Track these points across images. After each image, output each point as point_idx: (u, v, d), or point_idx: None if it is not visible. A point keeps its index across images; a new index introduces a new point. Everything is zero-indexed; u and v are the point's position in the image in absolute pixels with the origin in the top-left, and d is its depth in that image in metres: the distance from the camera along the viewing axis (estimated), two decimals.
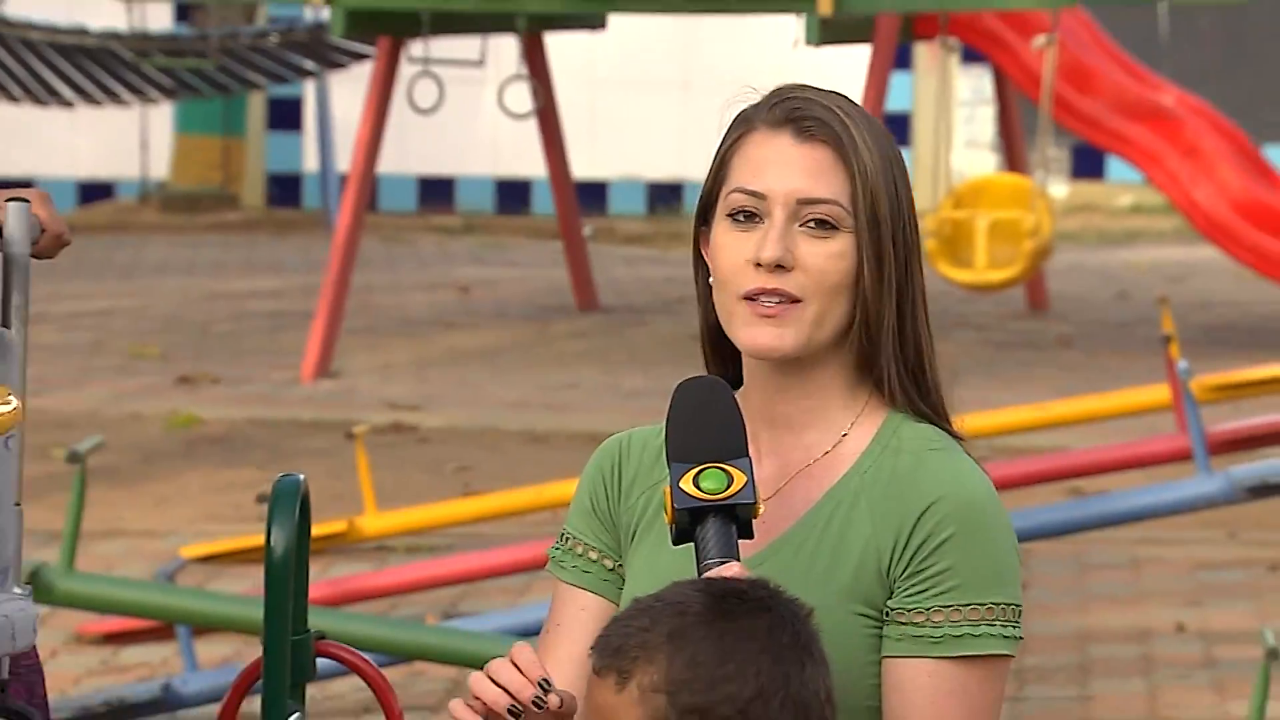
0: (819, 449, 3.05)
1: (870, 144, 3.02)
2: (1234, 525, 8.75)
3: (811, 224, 3.00)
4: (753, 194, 3.01)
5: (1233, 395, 8.02)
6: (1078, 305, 14.25)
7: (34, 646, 3.67)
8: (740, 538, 2.90)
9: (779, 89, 3.09)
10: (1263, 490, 7.24)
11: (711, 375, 3.02)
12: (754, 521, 2.97)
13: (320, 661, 3.49)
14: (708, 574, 2.86)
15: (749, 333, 3.01)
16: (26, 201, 3.57)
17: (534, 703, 2.83)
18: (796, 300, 3.00)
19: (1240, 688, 6.93)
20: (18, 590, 3.60)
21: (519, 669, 2.89)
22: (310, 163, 18.28)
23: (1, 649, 3.44)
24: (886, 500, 2.99)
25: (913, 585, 2.96)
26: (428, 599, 7.83)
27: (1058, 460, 7.97)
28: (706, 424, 2.93)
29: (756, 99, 3.12)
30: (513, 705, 2.86)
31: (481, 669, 2.94)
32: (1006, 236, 12.07)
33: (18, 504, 3.59)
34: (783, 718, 2.70)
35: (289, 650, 3.51)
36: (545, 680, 2.84)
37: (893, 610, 2.96)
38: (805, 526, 3.01)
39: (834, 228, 3.00)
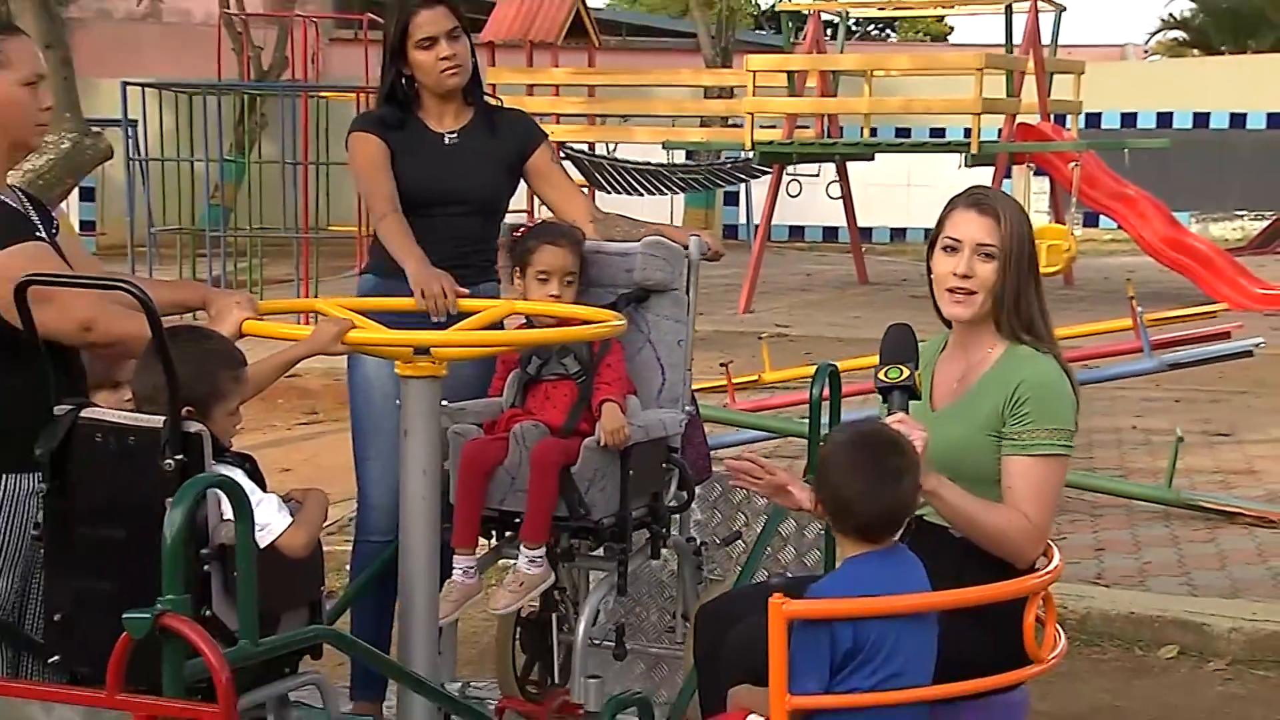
0: (979, 356, 2.92)
1: (1011, 216, 2.88)
2: (1161, 381, 8.40)
3: (982, 255, 2.87)
4: (955, 239, 2.89)
5: (1161, 323, 7.67)
6: (1087, 283, 13.71)
7: (704, 430, 3.25)
8: (910, 399, 2.74)
9: (971, 188, 2.93)
10: (1176, 366, 6.97)
11: (903, 322, 2.85)
12: (933, 394, 2.81)
13: None
14: (886, 419, 2.68)
15: (948, 310, 2.90)
16: (699, 237, 3.33)
17: None
18: (973, 293, 2.87)
19: (1162, 453, 6.69)
20: (688, 409, 3.26)
21: None
22: (741, 219, 18.24)
23: (656, 434, 3.15)
24: (1002, 382, 2.86)
25: (1013, 419, 2.83)
26: (788, 411, 7.74)
27: (1077, 353, 7.66)
28: (895, 344, 2.80)
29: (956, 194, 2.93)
30: None
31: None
32: (1054, 252, 11.73)
33: (687, 369, 3.25)
34: (839, 498, 2.49)
35: (817, 441, 3.19)
36: None
37: (1003, 432, 2.84)
38: (971, 393, 2.90)
39: (992, 257, 2.88)
